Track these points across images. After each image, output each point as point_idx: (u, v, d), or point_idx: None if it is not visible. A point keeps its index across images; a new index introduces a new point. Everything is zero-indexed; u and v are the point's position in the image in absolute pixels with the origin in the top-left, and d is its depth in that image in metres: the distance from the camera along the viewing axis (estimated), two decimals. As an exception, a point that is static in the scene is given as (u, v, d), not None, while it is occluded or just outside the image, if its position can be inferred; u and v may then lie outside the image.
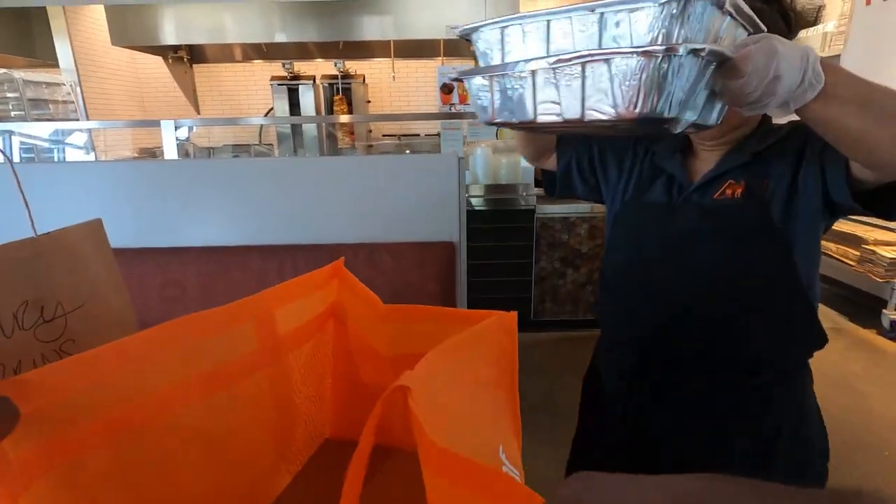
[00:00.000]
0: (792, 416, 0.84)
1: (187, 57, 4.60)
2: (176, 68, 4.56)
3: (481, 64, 0.58)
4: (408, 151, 4.02)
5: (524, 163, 2.52)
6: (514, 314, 0.62)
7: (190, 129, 4.43)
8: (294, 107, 4.39)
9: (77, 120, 3.87)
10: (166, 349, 0.46)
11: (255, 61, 4.83)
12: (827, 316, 2.98)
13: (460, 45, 4.54)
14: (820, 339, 0.84)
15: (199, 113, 4.92)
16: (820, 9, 0.68)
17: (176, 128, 2.43)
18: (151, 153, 4.32)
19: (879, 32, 3.02)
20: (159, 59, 4.51)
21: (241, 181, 1.17)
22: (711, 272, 0.78)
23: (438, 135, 2.72)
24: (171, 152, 2.39)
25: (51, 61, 3.98)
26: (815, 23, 0.82)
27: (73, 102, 3.87)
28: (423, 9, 3.83)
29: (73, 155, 3.61)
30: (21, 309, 0.43)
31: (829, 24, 4.18)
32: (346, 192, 1.20)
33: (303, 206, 1.19)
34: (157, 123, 2.39)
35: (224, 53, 4.70)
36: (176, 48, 4.38)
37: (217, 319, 0.51)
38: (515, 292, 2.70)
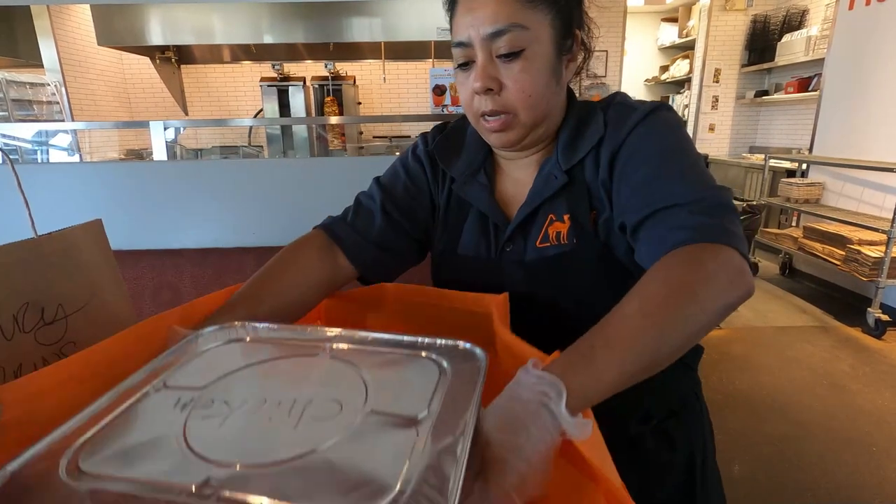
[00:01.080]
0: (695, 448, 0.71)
1: (175, 57, 4.55)
2: (163, 69, 4.50)
3: None
4: (398, 153, 4.00)
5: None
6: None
7: (178, 130, 4.38)
8: (284, 108, 4.36)
9: (62, 121, 3.81)
10: (135, 351, 0.45)
11: (244, 62, 4.79)
12: (814, 314, 3.03)
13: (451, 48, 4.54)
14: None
15: (187, 114, 4.86)
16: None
17: (165, 129, 2.40)
18: (139, 155, 4.26)
19: (863, 37, 3.09)
20: (146, 59, 4.45)
21: (233, 182, 1.16)
22: (557, 321, 0.61)
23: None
24: (160, 154, 2.36)
25: (35, 61, 3.91)
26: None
27: (57, 103, 3.80)
28: (413, 11, 3.83)
29: (57, 157, 3.55)
30: (21, 311, 0.42)
31: (812, 29, 4.26)
32: (339, 193, 1.20)
33: (298, 208, 1.19)
34: (145, 124, 2.35)
35: (212, 54, 4.66)
36: (163, 48, 4.32)
37: (176, 319, 0.51)
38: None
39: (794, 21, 4.61)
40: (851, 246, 2.84)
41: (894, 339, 2.69)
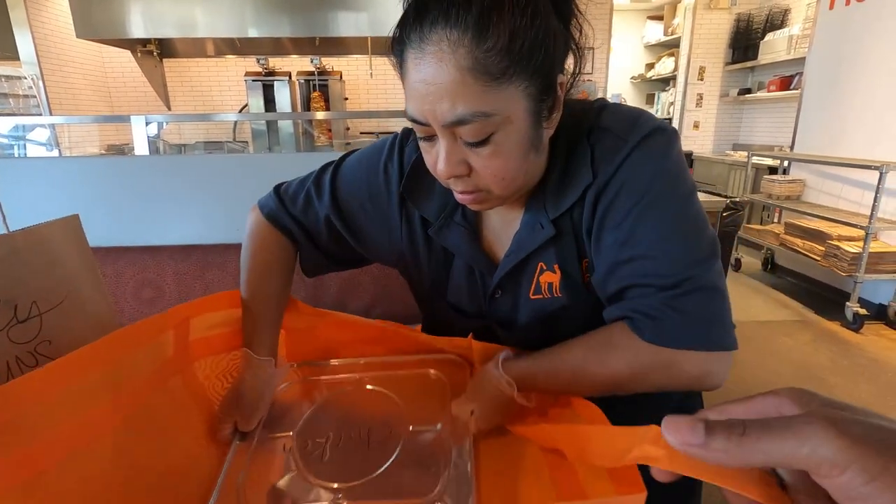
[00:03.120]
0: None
1: (157, 51, 4.45)
2: (145, 62, 4.41)
3: None
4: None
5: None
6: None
7: (161, 125, 4.30)
8: (269, 103, 4.31)
9: (39, 115, 3.71)
10: (125, 354, 0.46)
11: (228, 56, 4.71)
12: (795, 309, 3.09)
13: (438, 43, 4.52)
14: None
15: (170, 109, 4.77)
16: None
17: (146, 123, 2.35)
18: (120, 150, 4.17)
19: (843, 36, 3.14)
20: (127, 52, 4.35)
21: (217, 178, 1.14)
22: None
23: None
24: (142, 149, 2.32)
25: (10, 54, 3.81)
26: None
27: (34, 97, 3.71)
28: (400, 6, 3.79)
29: (35, 152, 3.46)
30: (-7, 309, 0.41)
31: (794, 28, 4.33)
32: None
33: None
34: (126, 119, 2.31)
35: (195, 48, 4.57)
36: (145, 42, 4.24)
37: (141, 333, 0.51)
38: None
39: (777, 20, 4.68)
40: (831, 241, 2.89)
41: (872, 332, 2.75)
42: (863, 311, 2.75)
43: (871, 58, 2.96)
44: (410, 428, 0.55)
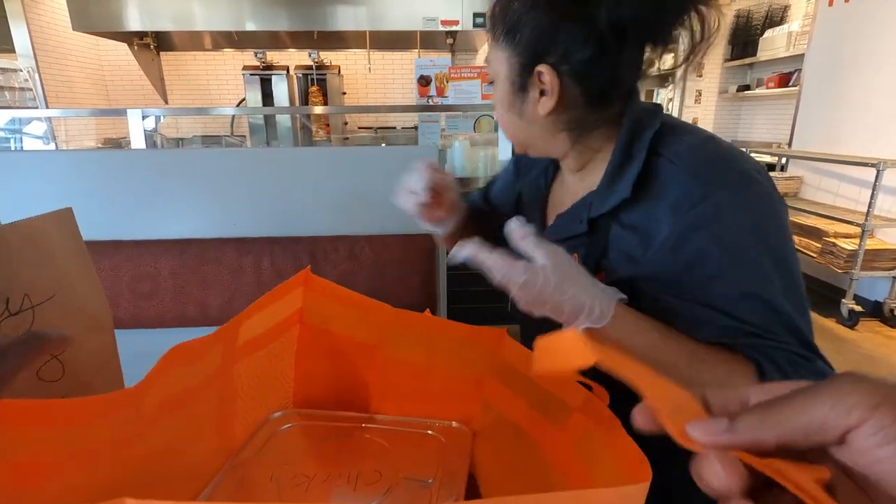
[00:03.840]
0: None
1: (154, 44, 4.42)
2: (142, 56, 4.38)
3: None
4: (384, 144, 3.98)
5: (502, 155, 2.53)
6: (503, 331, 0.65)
7: (158, 119, 4.28)
8: (267, 97, 4.29)
9: (35, 108, 3.69)
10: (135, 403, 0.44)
11: (226, 50, 4.69)
12: (790, 306, 3.11)
13: (437, 38, 4.51)
14: None
15: (166, 102, 4.75)
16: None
17: (143, 117, 2.34)
18: (117, 144, 4.16)
19: (842, 33, 3.14)
20: (124, 45, 4.33)
21: (214, 172, 1.14)
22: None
23: (415, 128, 2.70)
24: (138, 142, 2.31)
25: (6, 46, 3.78)
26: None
27: (31, 90, 3.69)
28: (399, 0, 3.78)
29: (31, 145, 3.45)
30: (-15, 302, 0.41)
31: (793, 24, 4.32)
32: (324, 185, 1.19)
33: (279, 198, 1.17)
34: (123, 112, 2.30)
35: (193, 41, 4.55)
36: (142, 35, 4.20)
37: (201, 347, 0.50)
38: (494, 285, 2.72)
39: (776, 16, 4.67)
40: (827, 238, 2.90)
41: (867, 328, 2.77)
42: (858, 308, 2.76)
43: (869, 55, 2.95)
44: (401, 476, 0.55)
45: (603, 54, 0.55)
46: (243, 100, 4.33)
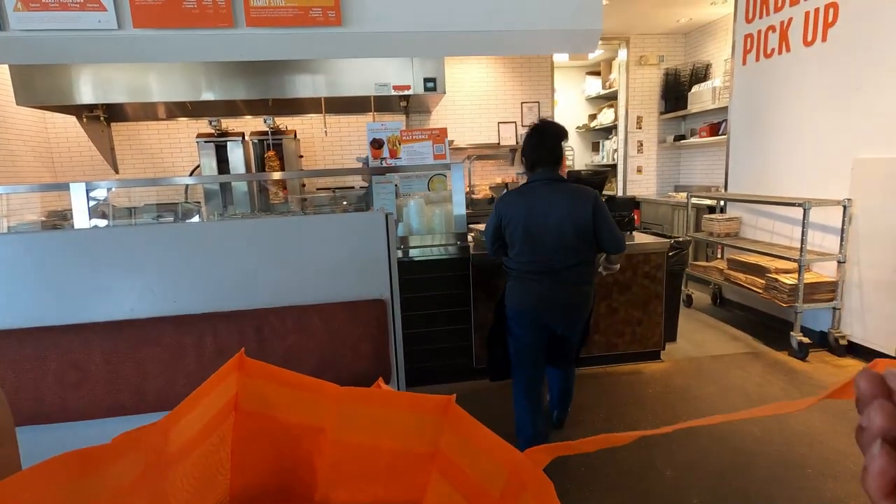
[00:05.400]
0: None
1: (104, 116, 4.40)
2: (91, 127, 4.34)
3: None
4: (345, 203, 4.00)
5: (457, 212, 2.59)
6: (451, 398, 0.63)
7: (108, 189, 4.18)
8: (222, 163, 4.28)
9: (-27, 184, 3.54)
10: (42, 493, 0.40)
11: (180, 119, 4.70)
12: (745, 341, 3.21)
13: (391, 101, 4.69)
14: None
15: (117, 172, 4.66)
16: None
17: (88, 190, 2.28)
18: (62, 216, 4.01)
19: (757, 87, 3.47)
20: (72, 118, 4.27)
21: (151, 248, 1.10)
22: None
23: (367, 187, 2.75)
24: (81, 216, 2.23)
25: (-56, 122, 3.67)
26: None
27: (-32, 166, 3.55)
28: (354, 68, 3.94)
29: (-34, 222, 3.27)
30: None
31: (716, 80, 4.75)
32: (271, 255, 1.17)
33: (224, 272, 1.14)
34: (65, 186, 2.23)
35: (146, 111, 4.55)
36: (92, 107, 4.18)
37: (104, 455, 0.45)
38: (456, 341, 2.69)
39: (701, 73, 5.13)
40: (770, 275, 3.06)
41: (817, 359, 2.87)
42: (806, 340, 2.88)
43: (782, 105, 3.26)
44: None
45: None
46: (198, 166, 4.30)
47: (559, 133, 1.87)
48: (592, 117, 6.58)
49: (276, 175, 3.77)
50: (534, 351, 1.93)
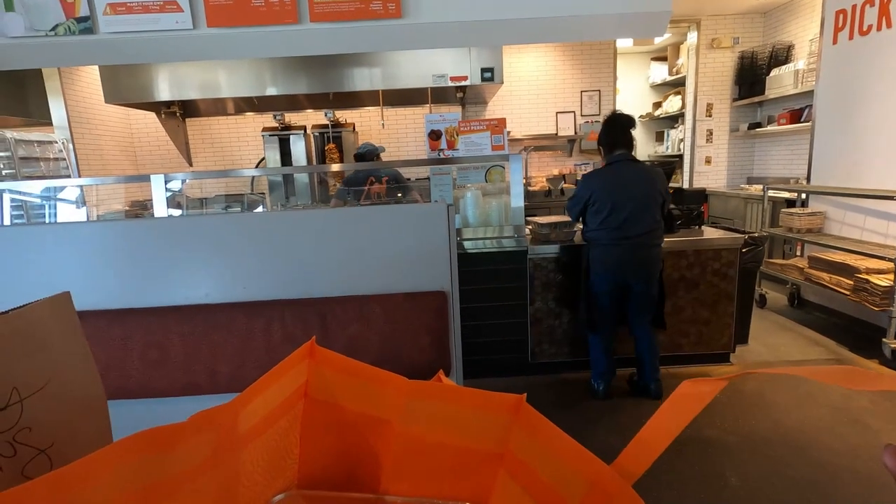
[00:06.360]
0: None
1: (180, 112, 4.70)
2: (169, 123, 4.65)
3: None
4: (399, 195, 4.05)
5: (514, 204, 2.54)
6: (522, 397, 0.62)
7: (183, 181, 4.46)
8: (285, 156, 4.45)
9: (69, 177, 3.89)
10: (115, 469, 0.41)
11: (247, 114, 4.94)
12: (827, 346, 2.95)
13: (447, 93, 4.67)
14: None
15: (191, 165, 4.97)
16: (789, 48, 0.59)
17: (166, 181, 2.44)
18: (143, 206, 4.33)
19: (849, 69, 3.15)
20: (152, 114, 4.59)
21: (223, 236, 1.15)
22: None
23: (429, 178, 2.75)
24: (160, 206, 2.39)
25: (45, 120, 4.05)
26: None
27: (64, 159, 3.90)
28: (411, 60, 3.96)
29: (64, 210, 3.60)
30: (-28, 398, 0.40)
31: (799, 63, 4.36)
32: (334, 245, 1.19)
33: (290, 261, 1.17)
34: (146, 178, 2.39)
35: (216, 107, 4.81)
36: (169, 104, 4.47)
37: (180, 433, 0.47)
38: (512, 335, 2.66)
39: (781, 56, 4.72)
40: (859, 275, 2.78)
41: (913, 370, 2.60)
42: (901, 348, 2.60)
43: (879, 88, 2.94)
44: None
45: None
46: (263, 159, 4.50)
47: (631, 120, 2.31)
48: (657, 105, 6.25)
49: (336, 167, 3.88)
50: (614, 309, 2.38)
